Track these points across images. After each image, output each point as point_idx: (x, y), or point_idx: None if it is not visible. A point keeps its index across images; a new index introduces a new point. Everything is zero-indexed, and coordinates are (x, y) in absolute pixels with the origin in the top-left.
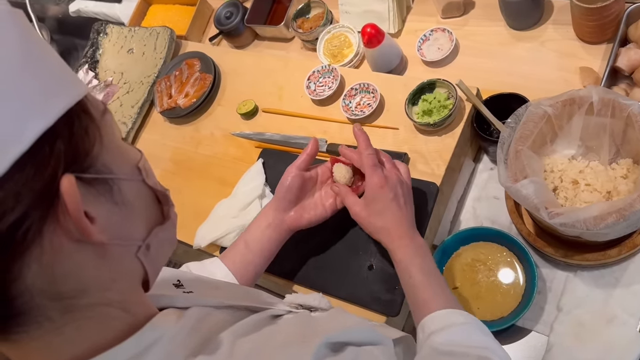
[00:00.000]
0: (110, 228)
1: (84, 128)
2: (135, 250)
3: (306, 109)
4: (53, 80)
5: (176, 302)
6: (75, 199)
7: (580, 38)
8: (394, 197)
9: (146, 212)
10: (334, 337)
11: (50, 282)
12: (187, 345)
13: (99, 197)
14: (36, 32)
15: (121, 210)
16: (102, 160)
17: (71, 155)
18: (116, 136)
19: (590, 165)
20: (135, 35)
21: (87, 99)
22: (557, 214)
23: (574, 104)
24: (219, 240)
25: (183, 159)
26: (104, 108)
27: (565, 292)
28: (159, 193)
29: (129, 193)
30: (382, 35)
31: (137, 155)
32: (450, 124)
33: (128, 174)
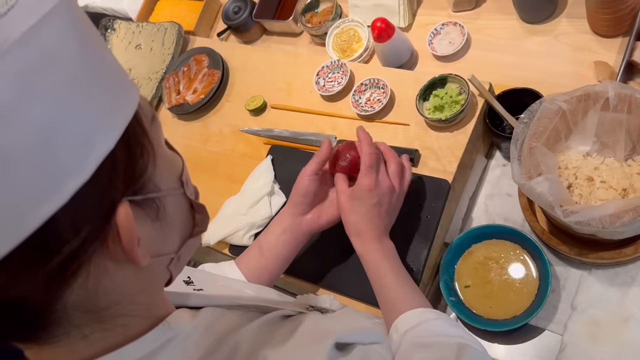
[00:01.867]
0: (151, 246)
1: (140, 146)
2: (168, 262)
3: (315, 105)
4: (113, 90)
5: (188, 300)
6: (131, 231)
7: (595, 32)
8: (377, 204)
9: (182, 224)
10: (343, 338)
11: (88, 299)
12: (201, 345)
13: (145, 218)
14: (92, 25)
15: (162, 227)
16: (152, 179)
17: (128, 179)
18: (163, 145)
19: (605, 162)
20: (143, 31)
21: (140, 107)
22: (572, 212)
23: (589, 99)
24: (227, 238)
25: (192, 155)
26: (152, 114)
27: (579, 290)
28: (195, 204)
29: (170, 208)
30: (392, 30)
31: (180, 164)
32: (462, 120)
33: (173, 187)
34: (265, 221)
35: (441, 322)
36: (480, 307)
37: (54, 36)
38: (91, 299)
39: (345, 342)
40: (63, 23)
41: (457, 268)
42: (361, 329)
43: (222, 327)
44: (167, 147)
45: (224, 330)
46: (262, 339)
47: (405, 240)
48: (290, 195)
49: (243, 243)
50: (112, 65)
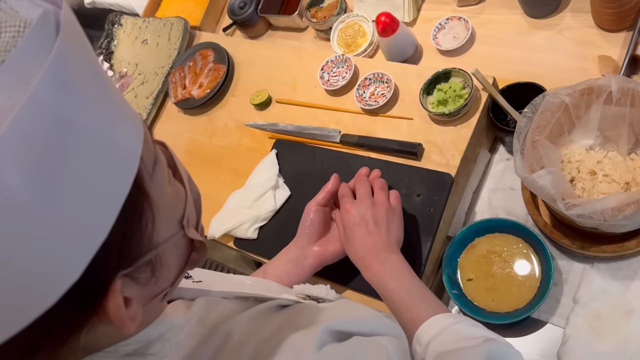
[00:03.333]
0: (144, 298)
1: (138, 214)
2: (163, 297)
3: (320, 99)
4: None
5: (184, 294)
6: (122, 318)
7: (599, 26)
8: (359, 222)
9: (179, 259)
10: (338, 325)
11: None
12: (195, 335)
13: (141, 281)
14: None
15: (157, 278)
16: (150, 240)
17: (122, 256)
18: (165, 188)
19: (608, 156)
20: (150, 26)
21: (141, 161)
22: (574, 205)
23: (592, 93)
24: (232, 231)
25: (197, 149)
26: (154, 159)
27: (581, 284)
28: (196, 243)
29: (167, 255)
30: (397, 24)
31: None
32: (466, 114)
33: (172, 235)
34: (270, 214)
35: (462, 325)
36: (483, 300)
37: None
38: (85, 349)
39: (342, 331)
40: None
41: (460, 261)
42: (359, 318)
43: (216, 316)
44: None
45: (218, 318)
46: (256, 327)
47: (409, 234)
48: (299, 227)
49: (248, 236)
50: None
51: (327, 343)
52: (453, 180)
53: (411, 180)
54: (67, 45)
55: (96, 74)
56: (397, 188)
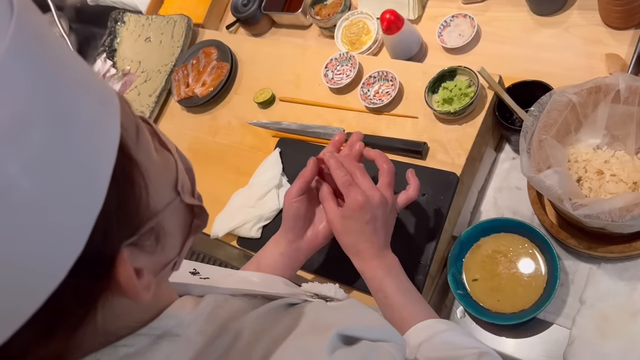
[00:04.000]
0: (155, 266)
1: (130, 181)
2: (172, 266)
3: (324, 97)
4: (93, 132)
5: (192, 290)
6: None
7: (607, 23)
8: (370, 220)
9: (181, 227)
10: (348, 330)
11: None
12: (204, 331)
13: (146, 249)
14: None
15: (162, 245)
16: (148, 207)
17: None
18: (153, 155)
19: (615, 155)
20: (153, 24)
21: (123, 128)
22: (581, 205)
23: (600, 91)
24: (236, 230)
25: (200, 147)
26: (135, 124)
27: (588, 284)
28: (195, 207)
29: (168, 222)
30: (402, 22)
31: (173, 167)
32: (472, 113)
33: (169, 201)
34: (273, 214)
35: (454, 333)
36: (488, 300)
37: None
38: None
39: (351, 335)
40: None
41: (465, 261)
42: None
43: (225, 313)
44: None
45: (227, 316)
46: (265, 327)
47: (413, 233)
48: (282, 219)
49: (251, 235)
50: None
51: (338, 347)
52: (458, 179)
53: None
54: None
55: (60, 46)
56: (402, 187)
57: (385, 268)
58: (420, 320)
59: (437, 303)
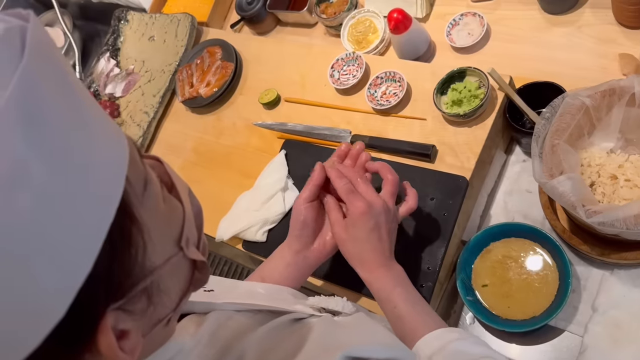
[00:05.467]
0: (145, 326)
1: (127, 242)
2: (167, 322)
3: (330, 98)
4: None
5: (196, 307)
6: (116, 355)
7: (620, 22)
8: (374, 227)
9: (181, 282)
10: (357, 351)
11: None
12: (205, 356)
13: (137, 311)
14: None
15: (155, 304)
16: (143, 266)
17: (112, 287)
18: (159, 208)
19: (630, 160)
20: (156, 23)
21: (129, 183)
22: (595, 213)
23: (614, 94)
24: (241, 234)
25: (205, 149)
26: (144, 176)
27: (600, 291)
28: (198, 262)
29: (165, 279)
30: (409, 21)
31: (180, 220)
32: (481, 115)
33: (169, 257)
34: (279, 217)
35: (465, 342)
36: (498, 307)
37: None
38: None
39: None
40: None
41: (474, 267)
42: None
43: (228, 333)
44: (165, 199)
45: (231, 336)
46: (270, 346)
47: (422, 238)
48: (290, 227)
49: (256, 239)
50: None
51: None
52: (468, 183)
53: (424, 184)
54: (33, 64)
55: (70, 94)
56: None
57: (393, 278)
58: (431, 331)
59: (445, 309)
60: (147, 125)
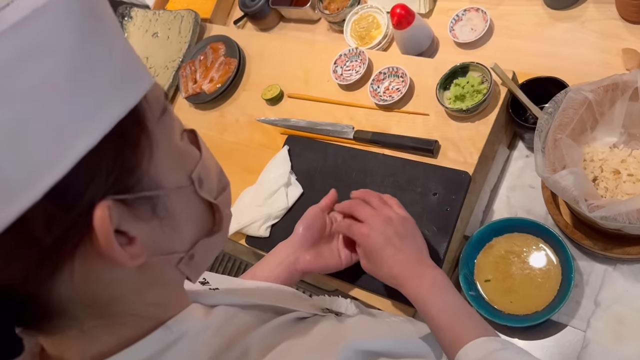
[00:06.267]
0: (151, 244)
1: (134, 142)
2: (177, 262)
3: (333, 94)
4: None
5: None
6: (107, 234)
7: (624, 17)
8: (384, 242)
9: (194, 223)
10: (361, 345)
11: (82, 293)
12: (212, 344)
13: (141, 216)
14: (103, 13)
15: (165, 225)
16: (149, 176)
17: (114, 178)
18: (174, 140)
19: (633, 154)
20: (160, 19)
21: (145, 100)
22: (598, 207)
23: (617, 89)
24: (244, 229)
25: (208, 145)
26: (163, 106)
27: (603, 286)
28: (215, 211)
29: (176, 206)
30: (412, 16)
31: (194, 160)
32: (484, 110)
33: (178, 185)
34: (282, 212)
35: (508, 352)
36: (501, 301)
37: (45, 30)
38: (86, 294)
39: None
40: (60, 16)
41: (477, 262)
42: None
43: (234, 328)
44: (184, 141)
45: (236, 331)
46: (273, 343)
47: (425, 233)
48: (296, 226)
49: (259, 234)
50: (118, 57)
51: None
52: (470, 178)
53: (427, 179)
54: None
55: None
56: (413, 186)
57: (428, 287)
58: (471, 337)
59: None
60: None
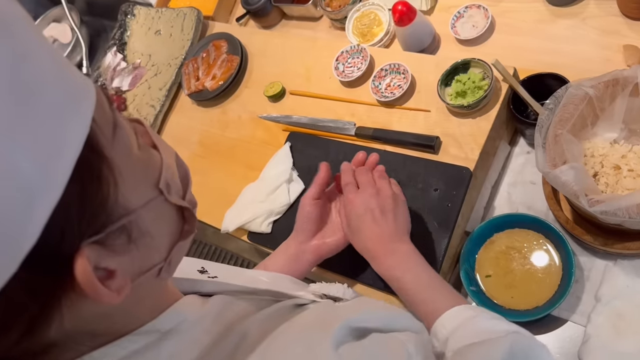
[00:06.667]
0: (132, 269)
1: (95, 177)
2: (157, 273)
3: (334, 90)
4: (53, 120)
5: (199, 287)
6: (93, 283)
7: (625, 14)
8: (365, 211)
9: (168, 230)
10: (356, 321)
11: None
12: (210, 331)
13: (117, 249)
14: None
15: (141, 245)
16: (118, 204)
17: (85, 223)
18: (133, 154)
19: (633, 150)
20: (163, 17)
21: (95, 123)
22: (598, 202)
23: (618, 84)
24: (246, 225)
25: (210, 142)
26: (113, 121)
27: (604, 281)
28: (184, 209)
29: (149, 223)
30: (414, 13)
31: (157, 166)
32: (485, 106)
33: (147, 199)
34: (284, 208)
35: (481, 318)
36: (501, 297)
37: None
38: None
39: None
40: None
41: (478, 257)
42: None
43: (232, 315)
44: (142, 149)
45: (234, 317)
46: (271, 327)
47: (426, 229)
48: (295, 222)
49: (261, 230)
50: (53, 78)
51: (345, 341)
52: (472, 174)
53: (428, 175)
54: None
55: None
56: (414, 182)
57: (400, 263)
58: (444, 309)
59: None
60: (153, 119)
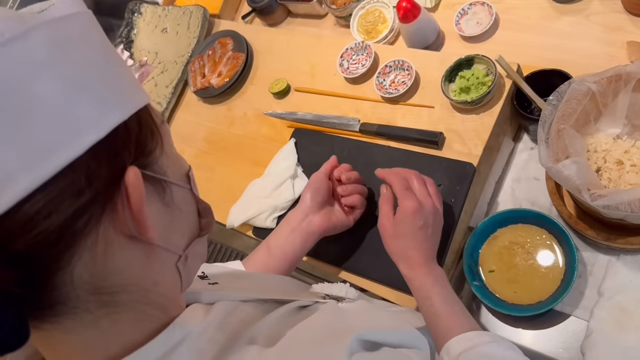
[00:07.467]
0: (159, 229)
1: (150, 129)
2: (176, 259)
3: (339, 87)
4: (127, 81)
5: (201, 297)
6: (140, 191)
7: (628, 10)
8: (422, 226)
9: (189, 221)
10: (369, 335)
11: (94, 275)
12: (216, 341)
13: (153, 196)
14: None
15: (170, 213)
16: (160, 163)
17: (138, 150)
18: (172, 145)
19: (636, 145)
20: (169, 15)
21: (150, 107)
22: (600, 196)
23: (620, 80)
24: (251, 220)
25: (216, 138)
26: (162, 119)
27: (606, 276)
28: (201, 205)
29: (178, 198)
30: (418, 10)
31: (187, 165)
32: (489, 102)
33: (179, 180)
34: (289, 204)
35: (496, 345)
36: (505, 292)
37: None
38: (97, 275)
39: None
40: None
41: (481, 252)
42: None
43: (237, 321)
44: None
45: (239, 324)
46: (278, 333)
47: None
48: (302, 194)
49: (266, 225)
50: (126, 67)
51: (357, 352)
52: (475, 170)
53: (432, 170)
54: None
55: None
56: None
57: (433, 277)
58: (464, 331)
59: None
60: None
